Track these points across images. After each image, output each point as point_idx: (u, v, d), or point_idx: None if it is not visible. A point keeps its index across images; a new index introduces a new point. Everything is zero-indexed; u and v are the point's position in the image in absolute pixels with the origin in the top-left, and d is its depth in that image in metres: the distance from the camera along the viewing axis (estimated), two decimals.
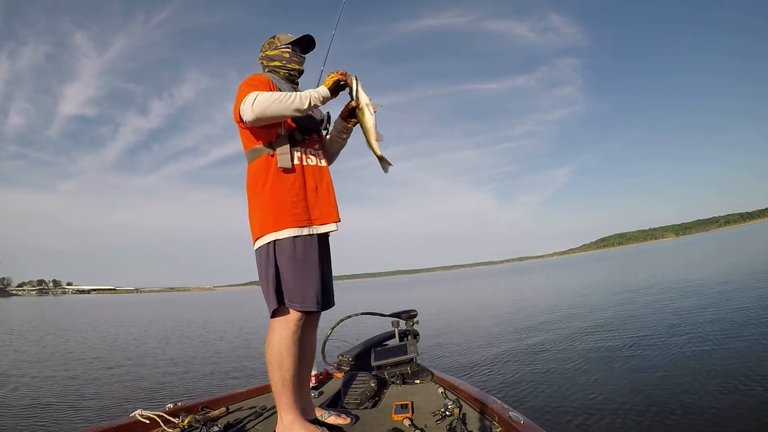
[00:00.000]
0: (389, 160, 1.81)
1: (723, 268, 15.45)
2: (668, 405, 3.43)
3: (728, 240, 50.29)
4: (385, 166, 1.83)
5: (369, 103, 1.75)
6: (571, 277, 26.65)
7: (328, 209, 1.76)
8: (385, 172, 1.84)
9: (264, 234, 1.66)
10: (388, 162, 1.82)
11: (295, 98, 1.61)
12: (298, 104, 1.61)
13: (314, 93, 1.67)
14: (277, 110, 1.58)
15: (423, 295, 27.31)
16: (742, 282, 10.29)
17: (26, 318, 22.82)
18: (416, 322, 2.82)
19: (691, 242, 76.24)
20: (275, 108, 1.57)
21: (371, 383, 2.21)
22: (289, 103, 1.59)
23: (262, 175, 1.69)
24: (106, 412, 4.42)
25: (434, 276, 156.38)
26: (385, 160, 1.81)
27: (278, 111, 1.59)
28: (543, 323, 8.41)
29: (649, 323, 6.84)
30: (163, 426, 1.71)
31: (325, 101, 1.73)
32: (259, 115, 1.57)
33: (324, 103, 1.73)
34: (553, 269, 46.88)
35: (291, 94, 1.61)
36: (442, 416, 1.73)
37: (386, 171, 1.84)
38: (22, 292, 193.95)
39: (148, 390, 5.44)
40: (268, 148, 1.70)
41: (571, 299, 12.56)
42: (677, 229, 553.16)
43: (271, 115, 1.58)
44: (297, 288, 1.63)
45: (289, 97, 1.60)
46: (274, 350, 1.62)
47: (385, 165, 1.83)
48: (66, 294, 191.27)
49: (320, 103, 1.70)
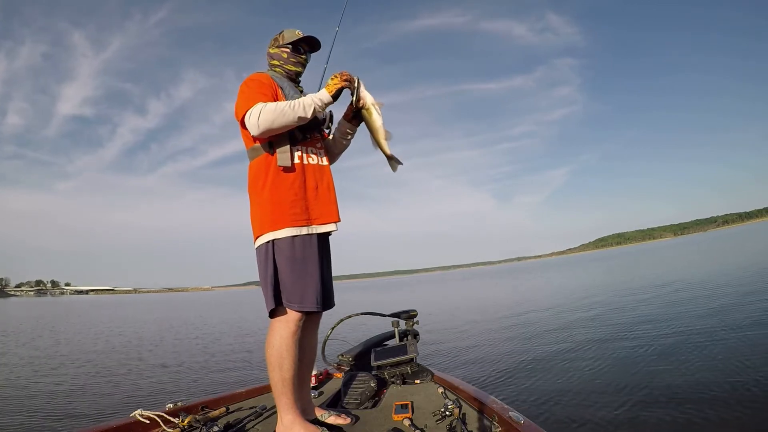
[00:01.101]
0: (399, 159, 1.80)
1: (720, 267, 15.49)
2: (668, 405, 3.44)
3: (726, 240, 50.43)
4: (394, 165, 1.82)
5: (375, 103, 1.75)
6: (570, 277, 26.69)
7: (328, 208, 1.76)
8: (393, 171, 1.83)
9: (263, 233, 1.66)
10: (398, 161, 1.81)
11: (297, 107, 1.61)
12: (301, 113, 1.62)
13: (316, 99, 1.66)
14: (282, 122, 1.59)
15: (423, 295, 27.32)
16: (741, 281, 10.32)
17: (25, 318, 22.76)
18: (416, 322, 2.82)
19: (689, 242, 76.43)
20: (280, 121, 1.59)
21: (371, 383, 2.21)
22: (293, 114, 1.60)
23: (262, 174, 1.69)
24: (106, 412, 4.41)
25: (433, 276, 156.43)
26: (395, 159, 1.80)
27: (283, 123, 1.60)
28: (543, 323, 8.42)
29: (650, 323, 6.85)
30: (163, 426, 1.71)
31: (328, 106, 1.72)
32: (264, 130, 1.58)
33: (326, 108, 1.73)
34: (551, 269, 46.94)
35: (295, 104, 1.61)
36: (442, 416, 1.73)
37: (395, 170, 1.83)
38: (20, 293, 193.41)
39: (148, 390, 5.43)
40: (268, 147, 1.70)
41: (570, 299, 12.59)
42: (675, 229, 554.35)
43: (277, 127, 1.60)
44: (295, 288, 1.63)
45: (292, 107, 1.60)
46: (274, 350, 1.62)
47: (395, 164, 1.81)
48: (64, 294, 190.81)
49: (322, 108, 1.70)
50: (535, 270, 53.38)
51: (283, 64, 1.87)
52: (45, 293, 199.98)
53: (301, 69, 1.90)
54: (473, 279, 50.57)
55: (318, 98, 1.67)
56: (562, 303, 11.73)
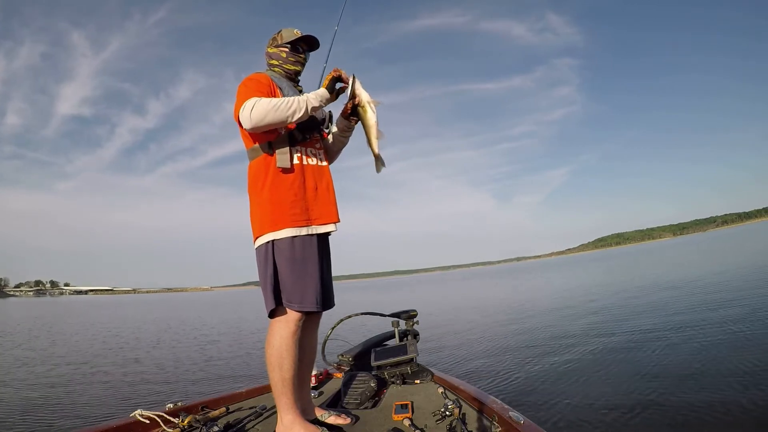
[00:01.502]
0: (384, 162, 1.82)
1: (719, 267, 15.49)
2: (668, 404, 3.44)
3: (725, 240, 50.47)
4: (378, 166, 1.84)
5: (371, 101, 1.75)
6: (570, 277, 26.70)
7: (327, 209, 1.76)
8: (377, 171, 1.86)
9: (262, 233, 1.66)
10: (382, 163, 1.83)
11: (293, 104, 1.59)
12: (297, 110, 1.60)
13: (313, 96, 1.66)
14: (275, 118, 1.57)
15: (423, 295, 27.31)
16: (738, 281, 10.33)
17: (24, 319, 22.72)
18: (416, 322, 2.82)
19: (688, 242, 76.48)
20: (273, 116, 1.56)
21: (371, 383, 2.22)
22: (288, 111, 1.58)
23: (262, 175, 1.69)
24: (106, 412, 4.40)
25: (433, 276, 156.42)
26: (380, 160, 1.82)
27: (276, 119, 1.57)
28: (543, 323, 8.42)
29: (649, 323, 6.85)
30: (163, 426, 1.71)
31: (327, 102, 1.72)
32: (257, 123, 1.55)
33: (325, 105, 1.73)
34: (551, 269, 46.96)
35: (290, 100, 1.60)
36: (442, 416, 1.73)
37: (378, 171, 1.86)
38: (19, 293, 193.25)
39: (148, 390, 5.42)
40: (268, 148, 1.70)
41: (570, 299, 12.58)
42: (675, 229, 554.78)
43: (270, 122, 1.57)
44: (295, 288, 1.63)
45: (287, 103, 1.58)
46: (274, 350, 1.62)
47: (379, 165, 1.84)
48: (63, 295, 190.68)
49: (320, 105, 1.69)
50: (535, 270, 53.41)
51: (282, 63, 1.86)
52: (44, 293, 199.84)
53: (300, 68, 1.90)
54: (473, 279, 50.59)
55: (315, 94, 1.67)
56: (561, 303, 11.73)
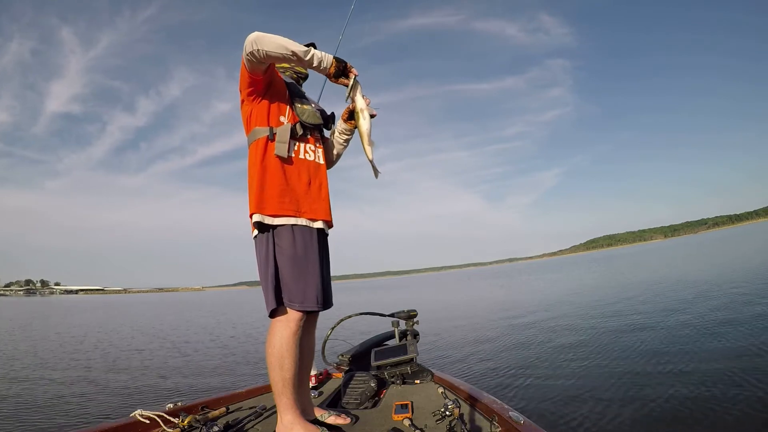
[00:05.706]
0: (377, 168, 1.79)
1: (709, 268, 15.69)
2: (668, 404, 3.46)
3: (716, 242, 51.06)
4: (375, 172, 1.83)
5: (365, 108, 1.74)
6: (569, 277, 26.81)
7: (318, 205, 1.76)
8: (375, 177, 1.84)
9: (254, 212, 1.64)
10: (377, 169, 1.81)
11: (295, 44, 1.58)
12: (298, 49, 1.57)
13: (318, 52, 1.63)
14: (276, 45, 1.53)
15: (423, 295, 27.31)
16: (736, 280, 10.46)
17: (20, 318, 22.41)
18: (416, 322, 2.83)
19: (679, 244, 77.25)
20: (274, 43, 1.53)
21: (371, 383, 2.22)
22: (291, 45, 1.55)
23: (260, 157, 1.69)
24: (106, 412, 4.36)
25: (427, 277, 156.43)
26: (374, 166, 1.79)
27: (277, 46, 1.53)
28: (543, 324, 8.44)
29: (647, 323, 6.90)
30: (163, 426, 1.70)
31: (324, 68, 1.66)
32: (259, 44, 1.51)
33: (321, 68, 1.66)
34: (545, 271, 47.18)
35: (292, 41, 1.58)
36: (442, 416, 1.73)
37: (377, 177, 1.84)
38: (9, 293, 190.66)
39: (148, 390, 5.38)
40: (269, 133, 1.70)
41: (569, 300, 12.64)
42: (666, 231, 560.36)
43: (269, 48, 1.52)
44: (297, 287, 1.63)
45: (290, 40, 1.57)
46: (275, 350, 1.61)
47: (375, 171, 1.82)
48: (54, 294, 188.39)
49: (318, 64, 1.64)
50: (530, 271, 53.65)
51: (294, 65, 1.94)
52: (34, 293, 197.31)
53: (307, 71, 2.01)
54: (469, 280, 50.71)
55: (322, 53, 1.64)
56: (560, 304, 11.78)
